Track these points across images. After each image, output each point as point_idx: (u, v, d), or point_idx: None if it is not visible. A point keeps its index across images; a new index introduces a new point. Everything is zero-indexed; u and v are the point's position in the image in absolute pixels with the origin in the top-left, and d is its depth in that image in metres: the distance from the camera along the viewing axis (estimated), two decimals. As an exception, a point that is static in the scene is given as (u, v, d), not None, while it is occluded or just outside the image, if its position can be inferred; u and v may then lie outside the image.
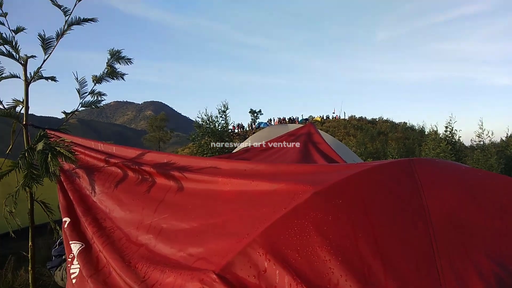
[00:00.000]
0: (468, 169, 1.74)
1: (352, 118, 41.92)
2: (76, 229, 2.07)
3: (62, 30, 2.45)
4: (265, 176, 1.75)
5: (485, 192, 1.54)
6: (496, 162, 15.79)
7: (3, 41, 2.32)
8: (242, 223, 1.52)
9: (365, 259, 1.24)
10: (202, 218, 1.70)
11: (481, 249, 1.31)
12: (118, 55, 2.66)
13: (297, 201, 1.43)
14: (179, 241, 1.66)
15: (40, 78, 2.48)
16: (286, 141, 4.14)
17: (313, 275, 1.22)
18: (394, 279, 1.20)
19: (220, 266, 1.32)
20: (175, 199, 1.90)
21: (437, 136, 18.44)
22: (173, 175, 1.99)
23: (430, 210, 1.39)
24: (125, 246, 1.81)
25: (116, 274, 1.70)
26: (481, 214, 1.44)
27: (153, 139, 51.11)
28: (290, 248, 1.29)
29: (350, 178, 1.52)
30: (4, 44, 2.33)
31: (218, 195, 1.78)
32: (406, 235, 1.33)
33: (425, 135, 26.64)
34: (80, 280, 1.82)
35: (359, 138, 28.07)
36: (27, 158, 2.19)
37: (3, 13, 2.30)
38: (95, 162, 2.39)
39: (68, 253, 2.00)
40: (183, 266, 1.49)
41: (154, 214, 1.87)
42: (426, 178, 1.54)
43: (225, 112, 18.17)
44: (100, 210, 2.12)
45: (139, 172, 2.15)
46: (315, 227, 1.32)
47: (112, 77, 2.69)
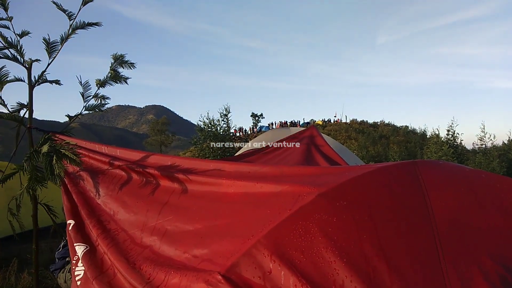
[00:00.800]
0: (472, 171, 1.74)
1: (354, 122, 41.88)
2: (81, 231, 2.07)
3: (67, 34, 2.47)
4: (269, 178, 1.76)
5: (488, 193, 1.54)
6: (498, 165, 15.75)
7: (8, 45, 2.34)
8: (247, 224, 1.52)
9: (370, 260, 1.24)
10: (207, 220, 1.70)
11: (485, 250, 1.31)
12: (121, 60, 2.68)
13: (301, 202, 1.43)
14: (183, 243, 1.66)
15: (44, 82, 2.49)
16: (286, 141, 4.15)
17: (318, 276, 1.23)
18: (399, 280, 1.20)
19: (225, 267, 1.32)
20: (179, 201, 1.91)
21: (439, 140, 18.40)
22: (177, 177, 2.00)
23: (434, 212, 1.39)
24: (129, 248, 1.81)
25: (121, 276, 1.70)
26: (484, 215, 1.44)
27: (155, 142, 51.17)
28: (295, 249, 1.29)
29: (354, 180, 1.53)
30: (9, 48, 2.35)
31: (223, 197, 1.78)
32: (411, 236, 1.34)
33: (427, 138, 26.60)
34: (85, 282, 1.82)
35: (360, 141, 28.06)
36: (32, 160, 2.20)
37: (8, 17, 2.32)
38: (99, 164, 2.40)
39: (72, 255, 2.01)
40: (188, 268, 1.49)
41: (159, 216, 1.88)
42: (430, 179, 1.54)
43: (226, 116, 18.17)
44: (105, 212, 2.12)
45: (143, 174, 2.16)
46: (320, 228, 1.33)
47: (115, 81, 2.71)
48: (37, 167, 2.26)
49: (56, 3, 2.40)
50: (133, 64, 2.71)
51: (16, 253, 4.56)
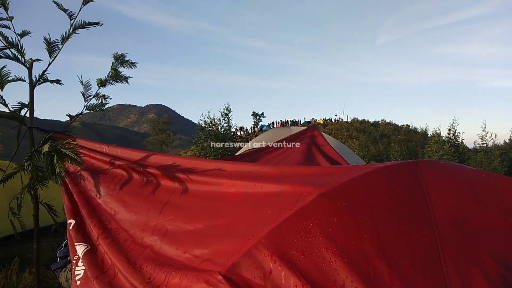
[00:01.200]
0: (473, 170, 1.74)
1: (355, 121, 41.76)
2: (81, 231, 2.07)
3: (67, 34, 2.47)
4: (270, 178, 1.76)
5: (489, 193, 1.53)
6: (500, 164, 15.71)
7: (8, 44, 2.34)
8: (247, 224, 1.52)
9: (371, 261, 1.24)
10: (207, 220, 1.70)
11: (486, 250, 1.31)
12: (122, 59, 2.68)
13: (302, 202, 1.43)
14: (184, 243, 1.66)
15: (45, 81, 2.49)
16: (286, 141, 4.15)
17: (319, 277, 1.23)
18: (399, 280, 1.20)
19: (226, 267, 1.32)
20: (180, 201, 1.91)
21: (440, 139, 18.35)
22: (178, 177, 2.00)
23: (435, 211, 1.39)
24: (130, 248, 1.82)
25: (121, 276, 1.70)
26: (485, 215, 1.44)
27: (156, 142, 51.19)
28: (296, 249, 1.29)
29: (355, 180, 1.53)
30: (9, 47, 2.35)
31: (223, 197, 1.78)
32: (411, 236, 1.33)
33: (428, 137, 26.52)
34: (85, 282, 1.82)
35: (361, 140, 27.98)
36: (32, 160, 2.20)
37: (9, 17, 2.32)
38: (100, 164, 2.40)
39: (72, 254, 2.01)
40: (188, 267, 1.49)
41: (159, 216, 1.88)
42: (431, 179, 1.54)
43: (227, 115, 18.15)
44: (105, 212, 2.12)
45: (144, 174, 2.16)
46: (321, 228, 1.32)
47: (116, 81, 2.70)
48: (38, 167, 2.26)
49: (57, 2, 2.40)
50: (133, 63, 2.70)
51: (17, 252, 4.57)
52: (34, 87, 2.44)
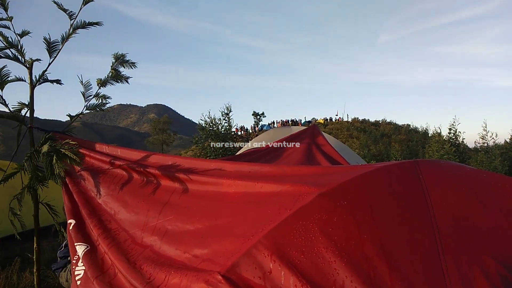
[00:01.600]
0: (473, 170, 1.73)
1: (355, 120, 41.73)
2: (81, 231, 2.07)
3: (68, 34, 2.47)
4: (269, 177, 1.76)
5: (490, 193, 1.53)
6: (500, 164, 15.68)
7: (8, 44, 2.34)
8: (247, 224, 1.52)
9: (371, 260, 1.24)
10: (207, 220, 1.70)
11: (487, 250, 1.30)
12: (122, 59, 2.68)
13: (302, 202, 1.43)
14: (184, 243, 1.66)
15: (45, 81, 2.49)
16: (286, 141, 4.15)
17: (319, 276, 1.22)
18: (399, 280, 1.20)
19: (226, 267, 1.32)
20: (180, 201, 1.91)
21: (440, 138, 18.31)
22: (178, 177, 2.00)
23: (435, 211, 1.39)
24: (130, 248, 1.82)
25: (121, 276, 1.70)
26: (486, 215, 1.44)
27: (157, 141, 51.26)
28: (295, 249, 1.29)
29: (355, 180, 1.53)
30: (9, 47, 2.35)
31: (223, 196, 1.78)
32: (412, 236, 1.33)
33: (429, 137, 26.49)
34: (85, 282, 1.82)
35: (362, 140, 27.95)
36: (32, 160, 2.20)
37: (9, 17, 2.32)
38: (100, 164, 2.40)
39: (72, 254, 2.01)
40: (188, 267, 1.49)
41: (159, 216, 1.88)
42: (431, 179, 1.54)
43: (228, 115, 18.14)
44: (105, 212, 2.12)
45: (144, 174, 2.16)
46: (320, 228, 1.32)
47: (116, 81, 2.70)
48: (38, 167, 2.26)
49: (57, 2, 2.40)
50: (134, 63, 2.70)
51: (17, 252, 4.58)
52: (34, 87, 2.45)
